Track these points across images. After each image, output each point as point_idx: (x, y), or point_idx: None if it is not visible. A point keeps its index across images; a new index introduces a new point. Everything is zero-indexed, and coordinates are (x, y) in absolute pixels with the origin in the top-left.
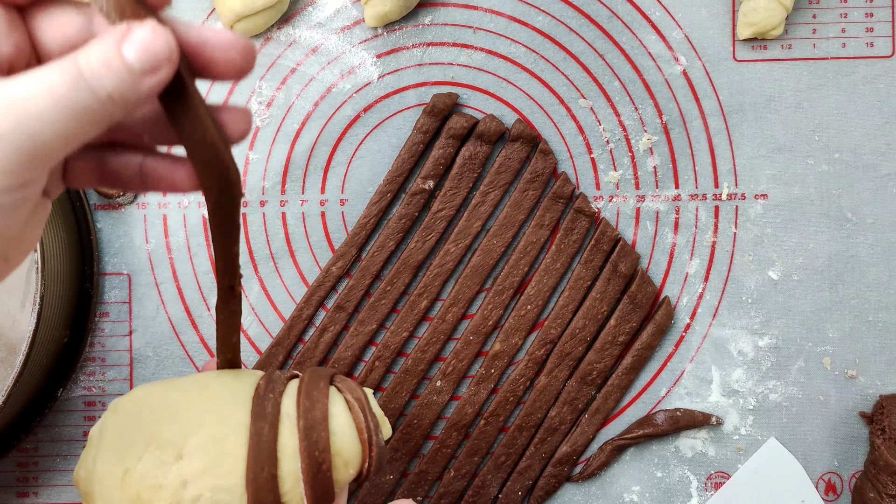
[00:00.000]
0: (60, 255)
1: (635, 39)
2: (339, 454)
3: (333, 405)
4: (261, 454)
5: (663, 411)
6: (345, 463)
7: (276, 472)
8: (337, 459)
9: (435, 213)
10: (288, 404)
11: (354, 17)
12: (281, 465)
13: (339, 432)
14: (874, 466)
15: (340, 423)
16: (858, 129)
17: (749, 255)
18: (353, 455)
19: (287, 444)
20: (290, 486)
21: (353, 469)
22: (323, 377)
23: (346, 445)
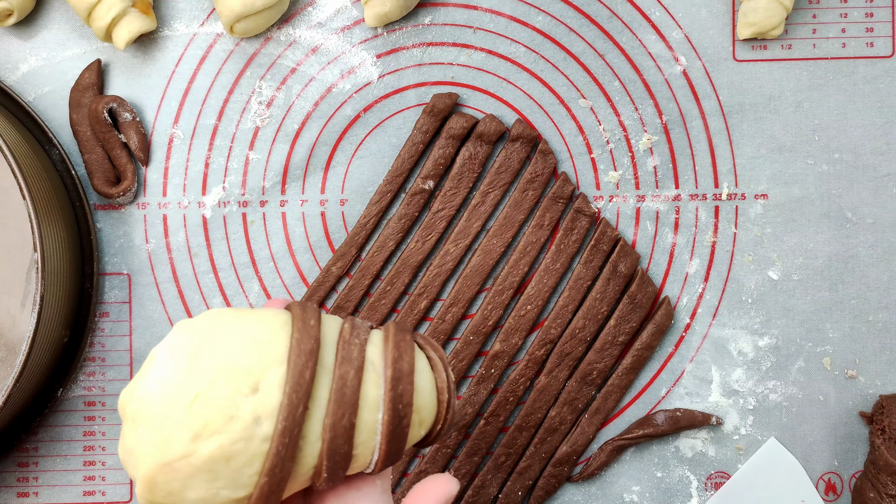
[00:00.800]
0: (60, 255)
1: (635, 39)
2: (417, 411)
3: (418, 360)
4: (344, 400)
5: (663, 411)
6: (420, 421)
7: (356, 420)
8: (415, 416)
9: (435, 213)
10: (373, 352)
11: (354, 17)
12: (360, 415)
13: (421, 389)
14: (874, 466)
15: (423, 379)
16: (858, 129)
17: (749, 255)
18: (430, 414)
19: (369, 393)
20: (365, 437)
21: (424, 429)
22: (408, 331)
23: (425, 403)
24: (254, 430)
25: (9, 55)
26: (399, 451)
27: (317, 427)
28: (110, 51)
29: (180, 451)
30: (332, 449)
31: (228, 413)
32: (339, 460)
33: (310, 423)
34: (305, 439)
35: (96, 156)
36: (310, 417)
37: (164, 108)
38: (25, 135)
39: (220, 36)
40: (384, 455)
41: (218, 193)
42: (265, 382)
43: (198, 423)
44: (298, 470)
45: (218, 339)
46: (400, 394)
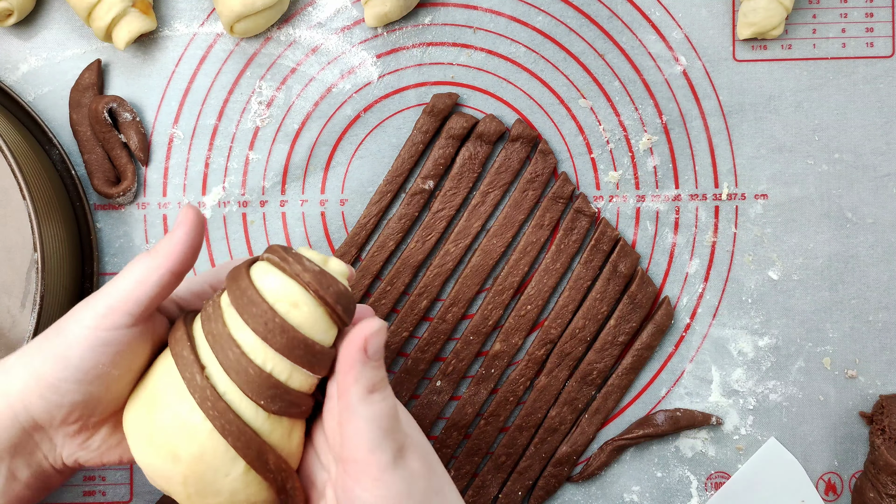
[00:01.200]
0: (60, 255)
1: (635, 39)
2: (278, 300)
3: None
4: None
5: (663, 411)
6: (292, 304)
7: (240, 349)
8: (280, 305)
9: (435, 213)
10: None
11: (354, 17)
12: (241, 343)
13: (263, 285)
14: (874, 466)
15: (263, 277)
16: (858, 129)
17: (749, 255)
18: (292, 293)
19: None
20: (263, 353)
21: (305, 306)
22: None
23: (280, 289)
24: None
25: (9, 55)
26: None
27: (225, 379)
28: (110, 51)
29: (179, 478)
30: (243, 380)
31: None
32: (258, 383)
33: (218, 379)
34: (228, 392)
35: (96, 156)
36: (213, 376)
37: (163, 108)
38: (25, 135)
39: (220, 36)
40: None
41: (218, 193)
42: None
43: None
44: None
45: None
46: (247, 302)
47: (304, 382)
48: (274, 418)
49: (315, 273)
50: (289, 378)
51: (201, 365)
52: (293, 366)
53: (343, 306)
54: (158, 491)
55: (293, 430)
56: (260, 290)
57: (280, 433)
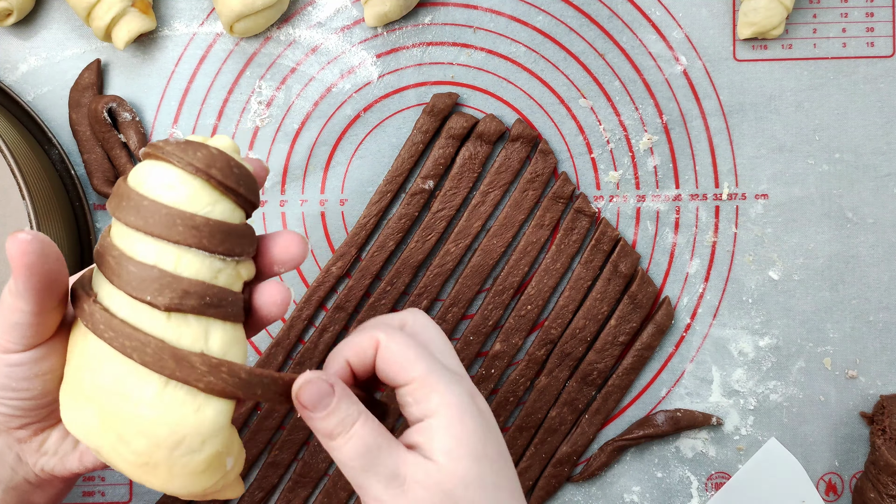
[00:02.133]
0: None
1: (635, 39)
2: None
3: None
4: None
5: (664, 412)
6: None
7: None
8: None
9: (435, 213)
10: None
11: (354, 16)
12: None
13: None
14: (875, 467)
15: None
16: (859, 128)
17: (749, 255)
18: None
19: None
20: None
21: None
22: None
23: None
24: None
25: (8, 55)
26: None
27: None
28: (110, 50)
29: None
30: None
31: None
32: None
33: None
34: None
35: (96, 155)
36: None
37: (163, 108)
38: (25, 135)
39: (219, 36)
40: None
41: None
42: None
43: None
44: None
45: None
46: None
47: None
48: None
49: (178, 145)
50: (177, 264)
51: (91, 293)
52: (179, 249)
53: (218, 169)
54: (158, 492)
55: (211, 329)
56: (133, 186)
57: (190, 334)
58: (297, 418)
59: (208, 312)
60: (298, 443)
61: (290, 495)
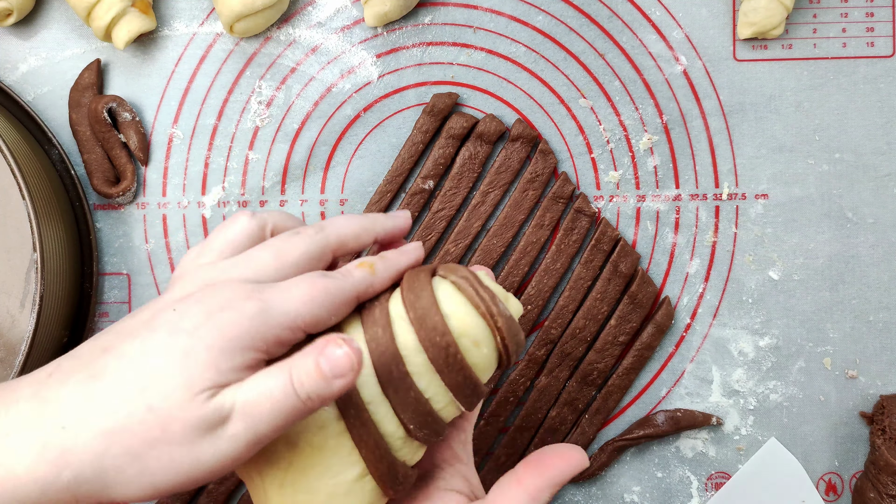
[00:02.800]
0: (60, 255)
1: (635, 39)
2: (463, 335)
3: (439, 291)
4: (384, 356)
5: (663, 412)
6: (474, 343)
7: (406, 368)
8: (463, 340)
9: (435, 213)
10: (395, 307)
11: (354, 16)
12: (409, 362)
13: (452, 313)
14: (874, 467)
15: (451, 303)
16: (859, 128)
17: (749, 255)
18: (479, 332)
19: (407, 341)
20: (428, 379)
21: (485, 348)
22: (423, 271)
23: (465, 323)
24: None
25: (8, 55)
26: (469, 379)
27: (376, 391)
28: (110, 50)
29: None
30: (400, 401)
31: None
32: (414, 407)
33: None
34: (374, 403)
35: (96, 156)
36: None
37: (163, 108)
38: (25, 135)
39: (219, 35)
40: (453, 388)
41: (217, 193)
42: None
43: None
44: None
45: None
46: (431, 328)
47: (452, 414)
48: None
49: (507, 319)
50: (443, 408)
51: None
52: (452, 399)
53: (517, 355)
54: None
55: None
56: (445, 316)
57: (408, 451)
58: None
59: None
60: None
61: None
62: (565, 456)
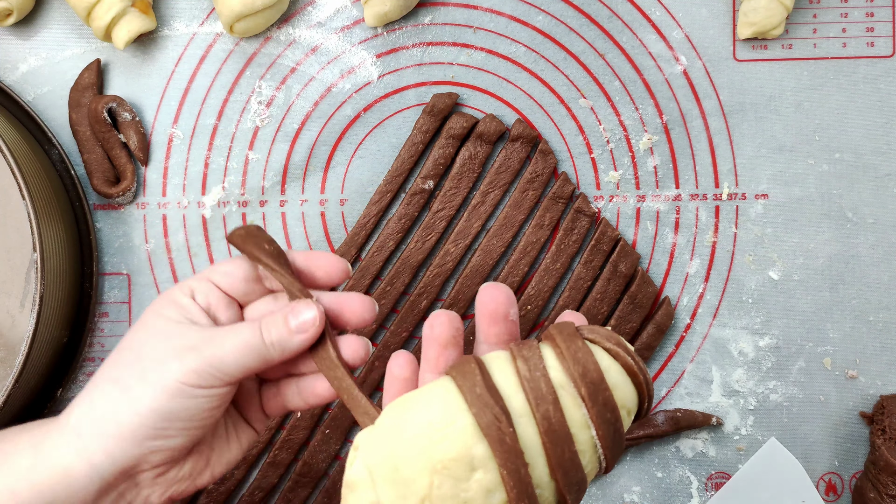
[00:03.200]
0: (60, 255)
1: (635, 39)
2: (623, 406)
3: (600, 360)
4: (558, 437)
5: (664, 412)
6: (628, 412)
7: (575, 448)
8: (622, 412)
9: (435, 213)
10: (556, 376)
11: (354, 16)
12: (576, 439)
13: (616, 385)
14: (874, 467)
15: (614, 375)
16: (859, 128)
17: (749, 255)
18: (633, 402)
19: (574, 416)
20: (589, 456)
21: (632, 416)
22: (575, 335)
23: (626, 395)
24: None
25: (8, 55)
26: (621, 448)
27: (543, 471)
28: (110, 50)
29: None
30: (568, 483)
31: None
32: (576, 482)
33: (535, 471)
34: (540, 486)
35: (96, 156)
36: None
37: (163, 108)
38: (25, 135)
39: (219, 36)
40: (609, 460)
41: (217, 193)
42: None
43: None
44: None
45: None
46: (602, 404)
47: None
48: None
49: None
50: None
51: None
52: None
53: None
54: None
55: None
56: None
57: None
58: (296, 418)
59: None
60: (298, 443)
61: (290, 495)
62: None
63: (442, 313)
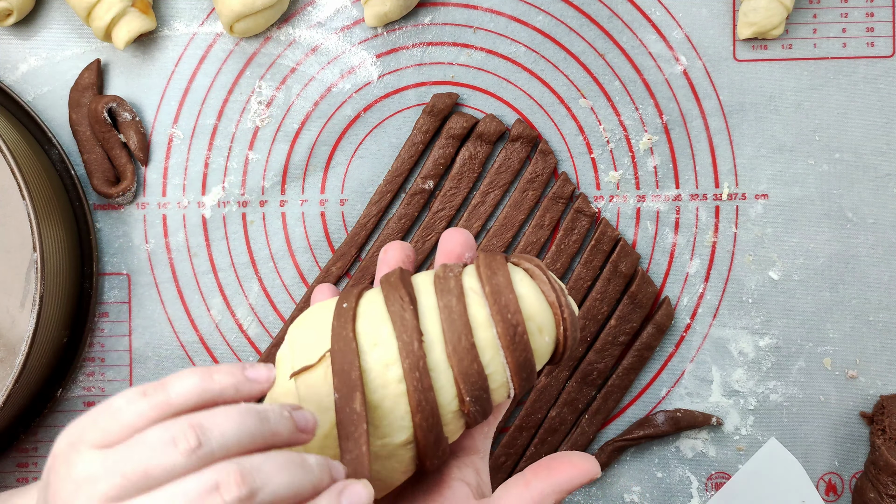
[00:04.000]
0: (60, 255)
1: (635, 39)
2: (530, 318)
3: (514, 274)
4: (454, 325)
5: (663, 412)
6: (538, 328)
7: (473, 340)
8: (530, 324)
9: (435, 213)
10: (469, 281)
11: (354, 16)
12: (476, 335)
13: (525, 295)
14: (874, 467)
15: (525, 287)
16: (859, 129)
17: (749, 255)
18: (546, 319)
19: (477, 314)
20: (491, 355)
21: (548, 336)
22: (498, 254)
23: (535, 308)
24: (387, 375)
25: (8, 55)
26: (528, 361)
27: (441, 358)
28: (110, 50)
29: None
30: (463, 370)
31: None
32: (474, 380)
33: (432, 355)
34: (436, 370)
35: (96, 156)
36: (431, 351)
37: (163, 108)
38: (25, 135)
39: (219, 36)
40: (513, 366)
41: (217, 193)
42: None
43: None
44: (444, 402)
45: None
46: (504, 304)
47: (497, 399)
48: (459, 413)
49: (571, 312)
50: (497, 388)
51: (420, 332)
52: (508, 379)
53: (572, 351)
54: None
55: (460, 428)
56: (518, 297)
57: (453, 427)
58: None
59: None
60: None
61: None
62: (576, 464)
63: (395, 242)
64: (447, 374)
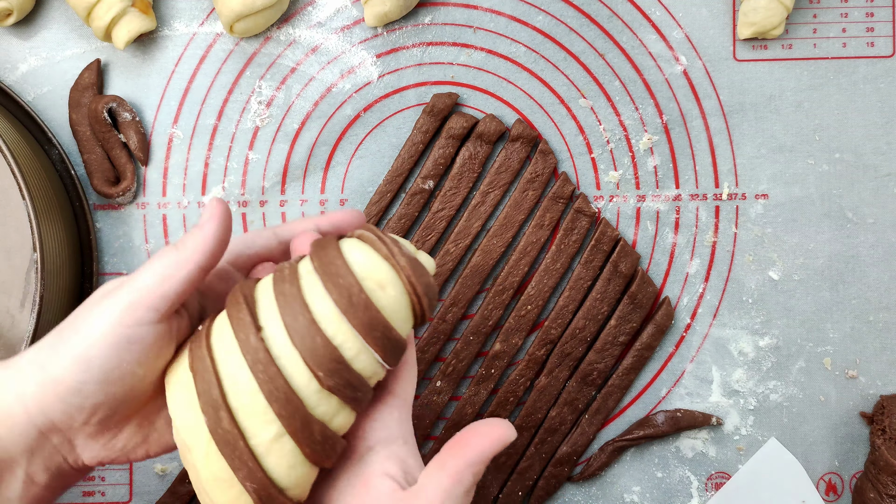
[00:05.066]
0: (60, 255)
1: (636, 39)
2: (367, 277)
3: (345, 245)
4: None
5: (663, 412)
6: (378, 285)
7: (311, 315)
8: (367, 283)
9: (435, 213)
10: (304, 266)
11: (354, 16)
12: (314, 310)
13: (355, 260)
14: (874, 467)
15: (355, 252)
16: (859, 128)
17: (749, 255)
18: (383, 274)
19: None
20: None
21: (392, 290)
22: (330, 235)
23: (369, 266)
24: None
25: (8, 55)
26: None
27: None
28: (110, 50)
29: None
30: (307, 347)
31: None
32: (321, 353)
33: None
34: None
35: (96, 156)
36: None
37: (163, 108)
38: (25, 135)
39: (219, 35)
40: (363, 330)
41: (217, 193)
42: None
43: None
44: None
45: None
46: (334, 272)
47: (369, 367)
48: (324, 394)
49: (410, 259)
50: (355, 357)
51: (258, 326)
52: (363, 346)
53: (429, 299)
54: (158, 491)
55: (340, 412)
56: (349, 263)
57: (325, 409)
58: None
59: (350, 402)
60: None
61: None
62: (485, 433)
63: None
64: (295, 357)
